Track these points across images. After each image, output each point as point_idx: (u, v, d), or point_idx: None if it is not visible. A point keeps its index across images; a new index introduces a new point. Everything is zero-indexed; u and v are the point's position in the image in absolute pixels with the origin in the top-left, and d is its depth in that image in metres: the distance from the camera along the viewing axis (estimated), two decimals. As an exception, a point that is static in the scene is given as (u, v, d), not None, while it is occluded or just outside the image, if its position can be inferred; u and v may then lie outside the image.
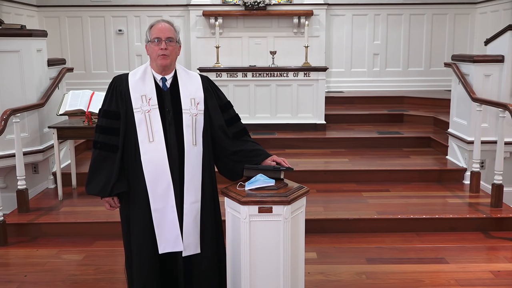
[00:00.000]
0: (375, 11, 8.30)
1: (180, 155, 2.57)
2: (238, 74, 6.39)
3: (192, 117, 2.60)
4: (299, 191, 2.58)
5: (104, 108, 2.62)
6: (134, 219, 2.62)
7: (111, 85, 2.64)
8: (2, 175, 4.88)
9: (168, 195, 2.56)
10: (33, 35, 4.75)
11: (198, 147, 2.61)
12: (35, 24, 8.01)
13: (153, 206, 2.56)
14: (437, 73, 8.26)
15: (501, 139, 4.40)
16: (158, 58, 2.56)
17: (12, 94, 4.61)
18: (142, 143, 2.54)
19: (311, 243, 3.81)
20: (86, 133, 4.69)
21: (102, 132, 2.60)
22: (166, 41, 2.54)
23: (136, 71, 2.65)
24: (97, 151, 2.60)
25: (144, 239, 2.60)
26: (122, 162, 2.58)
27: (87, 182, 2.63)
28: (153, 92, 2.59)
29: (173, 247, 2.59)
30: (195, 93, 2.65)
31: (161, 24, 2.58)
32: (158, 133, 2.55)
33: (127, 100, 2.57)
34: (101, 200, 2.65)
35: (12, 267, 3.72)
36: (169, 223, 2.57)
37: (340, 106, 7.38)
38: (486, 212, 4.36)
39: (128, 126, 2.57)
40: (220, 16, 7.99)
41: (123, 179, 2.59)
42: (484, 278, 3.47)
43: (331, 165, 5.46)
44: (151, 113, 2.56)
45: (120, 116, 2.58)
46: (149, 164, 2.54)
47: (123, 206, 2.67)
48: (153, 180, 2.55)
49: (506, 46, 4.90)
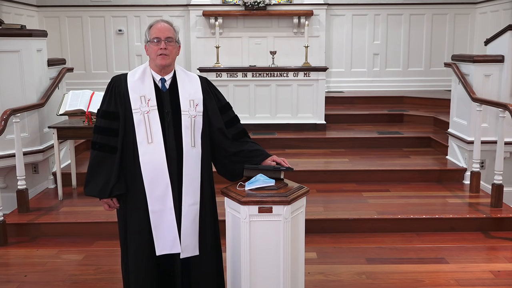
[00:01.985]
0: (375, 11, 8.30)
1: (179, 157, 2.56)
2: (238, 74, 6.39)
3: (191, 119, 2.59)
4: (299, 191, 2.58)
5: (103, 108, 2.61)
6: (131, 220, 2.60)
7: (109, 86, 2.63)
8: (2, 175, 4.88)
9: (166, 197, 2.54)
10: (33, 35, 4.74)
11: (196, 148, 2.60)
12: (35, 24, 8.01)
13: (151, 208, 2.54)
14: (437, 73, 8.27)
15: (501, 139, 4.40)
16: (157, 58, 2.54)
17: (12, 94, 4.61)
18: (140, 144, 2.52)
19: (311, 243, 3.81)
20: (86, 133, 4.69)
21: (100, 133, 2.58)
22: (165, 41, 2.53)
23: (135, 72, 2.63)
24: (96, 152, 2.58)
25: (141, 240, 2.58)
26: (121, 163, 2.57)
27: (86, 183, 2.60)
28: (152, 93, 2.57)
29: (171, 249, 2.57)
30: (194, 95, 2.64)
31: (160, 24, 2.57)
32: (157, 134, 2.53)
33: (126, 100, 2.56)
34: (100, 200, 2.63)
35: (12, 267, 3.72)
36: (167, 225, 2.55)
37: (340, 106, 7.38)
38: (486, 212, 4.36)
39: (127, 127, 2.56)
40: (220, 16, 7.99)
41: (122, 181, 2.57)
42: (484, 278, 3.47)
43: (331, 165, 5.46)
44: (150, 114, 2.54)
45: (119, 116, 2.56)
46: (148, 166, 2.52)
47: (120, 207, 2.65)
48: (151, 182, 2.53)
49: (506, 46, 4.90)
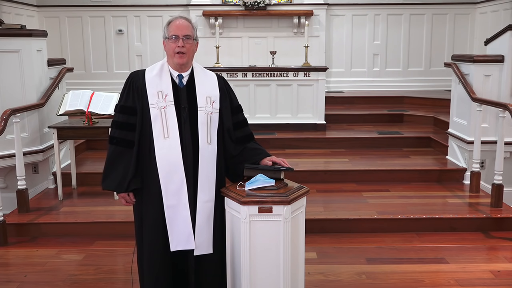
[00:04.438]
0: (375, 11, 8.30)
1: (195, 153, 2.57)
2: (238, 74, 6.39)
3: (207, 115, 2.61)
4: (299, 191, 2.58)
5: (121, 103, 2.63)
6: (146, 215, 2.63)
7: (127, 81, 2.64)
8: (2, 175, 4.88)
9: (181, 192, 2.55)
10: (33, 35, 4.74)
11: (212, 145, 2.61)
12: (35, 24, 8.01)
13: (166, 203, 2.56)
14: (437, 73, 8.26)
15: (501, 139, 4.40)
16: (175, 56, 2.56)
17: (12, 94, 4.61)
18: (157, 139, 2.54)
19: (311, 243, 3.81)
20: (86, 133, 4.70)
21: (118, 128, 2.60)
22: (183, 38, 2.54)
23: (153, 67, 2.65)
24: (113, 146, 2.61)
25: (156, 235, 2.60)
26: (138, 158, 2.59)
27: (103, 177, 2.62)
28: (169, 88, 2.59)
29: (185, 245, 2.59)
30: (211, 92, 2.66)
31: (179, 21, 2.58)
32: (173, 129, 2.55)
33: (143, 95, 2.57)
34: (117, 195, 2.64)
35: (12, 267, 3.72)
36: (182, 221, 2.57)
37: (340, 106, 7.38)
38: (486, 212, 4.36)
39: (144, 122, 2.58)
40: (220, 16, 7.99)
41: (139, 175, 2.59)
42: (484, 278, 3.47)
43: (331, 165, 5.46)
44: (166, 110, 2.56)
45: (136, 111, 2.58)
46: (163, 160, 2.54)
47: (137, 202, 2.67)
48: (167, 177, 2.54)
49: (506, 46, 4.90)
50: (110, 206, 4.55)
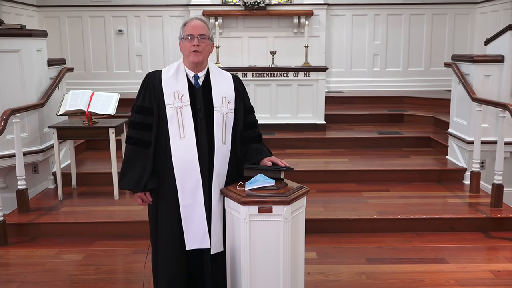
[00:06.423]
0: (375, 11, 8.30)
1: (210, 153, 2.59)
2: (238, 74, 6.38)
3: (223, 116, 2.63)
4: (299, 191, 2.58)
5: (138, 103, 2.66)
6: (162, 214, 2.65)
7: (144, 81, 2.67)
8: (2, 175, 4.88)
9: (196, 192, 2.58)
10: (33, 35, 4.74)
11: (227, 145, 2.63)
12: (35, 24, 8.01)
13: (182, 202, 2.58)
14: (437, 73, 8.26)
15: (501, 139, 4.40)
16: (190, 55, 2.58)
17: (12, 94, 4.61)
18: (173, 139, 2.57)
19: (311, 243, 3.81)
20: (86, 133, 4.70)
21: (135, 128, 2.63)
22: (198, 37, 2.57)
23: (169, 68, 2.68)
24: (131, 146, 2.63)
25: (172, 234, 2.62)
26: (154, 158, 2.61)
27: (121, 176, 2.65)
28: (185, 89, 2.61)
29: (200, 244, 2.61)
30: (227, 92, 2.68)
31: (195, 22, 2.61)
32: (189, 129, 2.57)
33: (160, 96, 2.60)
34: (134, 195, 2.67)
35: (12, 267, 3.72)
36: (197, 220, 2.59)
37: (340, 106, 7.38)
38: (486, 212, 4.36)
39: (160, 122, 2.60)
40: (220, 16, 7.99)
41: (156, 175, 2.62)
42: (484, 278, 3.47)
43: (331, 165, 5.46)
44: (183, 110, 2.58)
45: (153, 112, 2.61)
46: (179, 160, 2.56)
47: (152, 201, 2.69)
48: (183, 176, 2.57)
49: (506, 46, 4.90)
50: (110, 206, 4.55)
